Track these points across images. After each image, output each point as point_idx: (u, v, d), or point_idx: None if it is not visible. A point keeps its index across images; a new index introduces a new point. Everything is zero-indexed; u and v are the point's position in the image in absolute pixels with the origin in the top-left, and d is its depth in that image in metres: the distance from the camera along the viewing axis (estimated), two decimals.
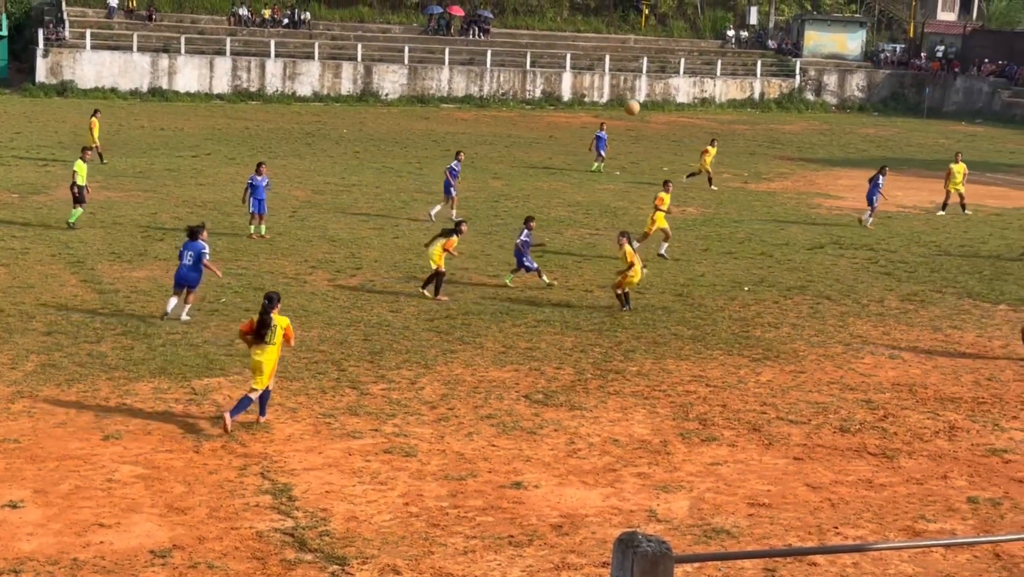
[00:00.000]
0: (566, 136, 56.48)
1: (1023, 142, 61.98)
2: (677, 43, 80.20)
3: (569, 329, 21.77)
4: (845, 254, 30.00)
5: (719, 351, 20.77)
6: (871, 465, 15.68)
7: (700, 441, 16.31)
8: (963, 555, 12.95)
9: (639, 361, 19.97)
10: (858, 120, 72.63)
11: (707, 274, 26.91)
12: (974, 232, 34.02)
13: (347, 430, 16.18)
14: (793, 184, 43.36)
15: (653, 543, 5.26)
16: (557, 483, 14.65)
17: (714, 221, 34.25)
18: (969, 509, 14.32)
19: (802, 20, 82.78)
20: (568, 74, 72.12)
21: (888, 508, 14.24)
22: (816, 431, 16.90)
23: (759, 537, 13.25)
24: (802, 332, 22.23)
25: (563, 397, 17.91)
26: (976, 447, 16.52)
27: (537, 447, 15.84)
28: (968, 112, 76.62)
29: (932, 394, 18.83)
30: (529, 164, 45.61)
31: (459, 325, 21.77)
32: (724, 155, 49.05)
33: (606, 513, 13.80)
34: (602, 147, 44.92)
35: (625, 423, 16.93)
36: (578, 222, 33.28)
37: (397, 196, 36.46)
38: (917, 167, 49.69)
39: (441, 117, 62.80)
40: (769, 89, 77.12)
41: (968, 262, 29.32)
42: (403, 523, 13.33)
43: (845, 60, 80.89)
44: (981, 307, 24.66)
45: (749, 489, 14.67)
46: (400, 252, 28.09)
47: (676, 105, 73.33)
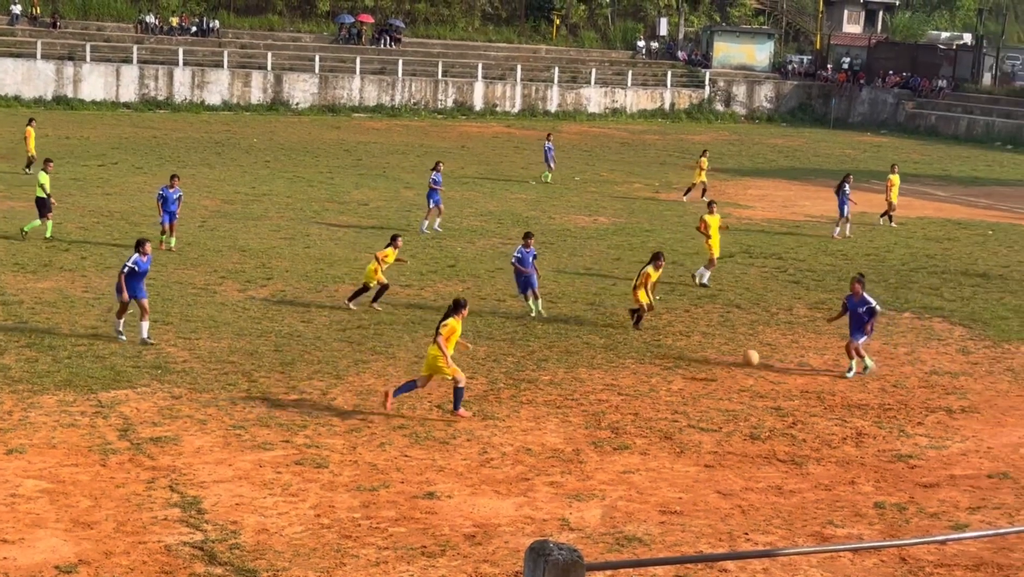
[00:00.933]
0: (478, 146, 56.52)
1: (927, 152, 63.15)
2: (588, 53, 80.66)
3: (482, 339, 21.75)
4: (755, 263, 30.32)
5: (631, 360, 20.88)
6: (781, 472, 15.84)
7: (612, 450, 16.37)
8: (870, 559, 13.12)
9: (551, 370, 20.01)
10: (766, 130, 73.53)
11: (619, 284, 27.04)
12: (880, 241, 34.57)
13: (258, 442, 16.01)
14: (704, 194, 43.67)
15: (564, 551, 5.25)
16: (470, 493, 14.62)
17: (626, 230, 34.45)
18: (876, 514, 14.52)
19: (711, 31, 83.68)
20: (480, 84, 72.20)
21: (797, 514, 14.39)
22: (727, 439, 17.04)
23: (671, 544, 13.32)
24: (713, 340, 22.42)
25: (476, 407, 17.87)
26: (882, 453, 16.76)
27: (450, 457, 15.80)
28: (873, 123, 77.92)
29: (840, 401, 19.07)
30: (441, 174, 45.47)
31: (371, 335, 21.66)
32: (635, 165, 49.48)
33: (519, 522, 13.79)
34: (549, 157, 45.04)
35: (538, 432, 16.94)
36: (490, 232, 33.29)
37: (308, 206, 36.22)
38: (824, 177, 50.36)
39: (352, 126, 62.53)
40: (679, 99, 77.84)
41: (874, 271, 29.76)
42: (314, 535, 13.22)
43: (754, 71, 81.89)
44: (887, 315, 25.03)
45: (661, 497, 14.75)
46: (311, 262, 27.89)
47: (587, 115, 73.74)
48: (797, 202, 42.33)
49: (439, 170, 33.92)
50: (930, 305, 26.02)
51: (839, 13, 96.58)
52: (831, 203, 41.59)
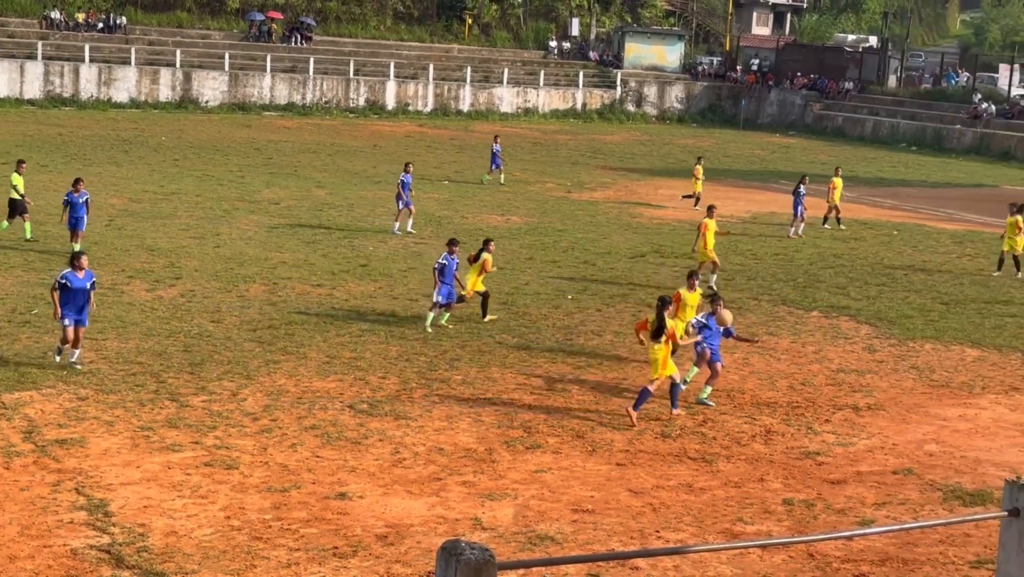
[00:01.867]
0: (390, 145, 56.35)
1: (834, 153, 64.02)
2: (500, 53, 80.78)
3: (394, 338, 21.68)
4: (666, 262, 30.55)
5: (543, 359, 20.92)
6: (691, 469, 15.97)
7: (525, 449, 16.40)
8: (779, 556, 13.27)
9: (464, 370, 19.99)
10: (677, 131, 74.16)
11: (531, 283, 27.10)
12: (788, 241, 35.00)
13: (166, 443, 15.81)
14: (615, 193, 44.00)
15: (476, 551, 5.24)
16: (382, 493, 14.55)
17: (538, 230, 34.53)
18: (784, 511, 14.69)
19: (622, 32, 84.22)
20: (392, 83, 71.98)
21: (707, 511, 14.52)
22: (638, 437, 17.14)
23: (583, 543, 13.37)
24: (624, 340, 22.54)
25: (388, 407, 17.81)
26: (791, 450, 16.96)
27: (362, 457, 15.72)
28: (782, 124, 78.94)
29: (749, 399, 19.27)
30: (353, 173, 45.36)
31: (282, 335, 21.49)
32: (547, 165, 49.65)
33: (431, 522, 13.76)
34: (497, 160, 44.82)
35: (450, 432, 16.92)
36: (403, 231, 33.15)
37: (218, 205, 35.85)
38: (734, 177, 50.97)
39: (263, 125, 62.02)
40: (591, 100, 78.24)
41: (783, 270, 30.14)
42: (224, 537, 13.08)
43: (664, 72, 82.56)
44: (795, 314, 25.36)
45: (573, 495, 14.80)
46: (221, 261, 27.60)
47: (500, 115, 73.84)
48: (708, 202, 42.60)
49: (408, 172, 33.61)
50: (837, 304, 26.39)
51: (748, 15, 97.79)
52: (740, 203, 42.12)
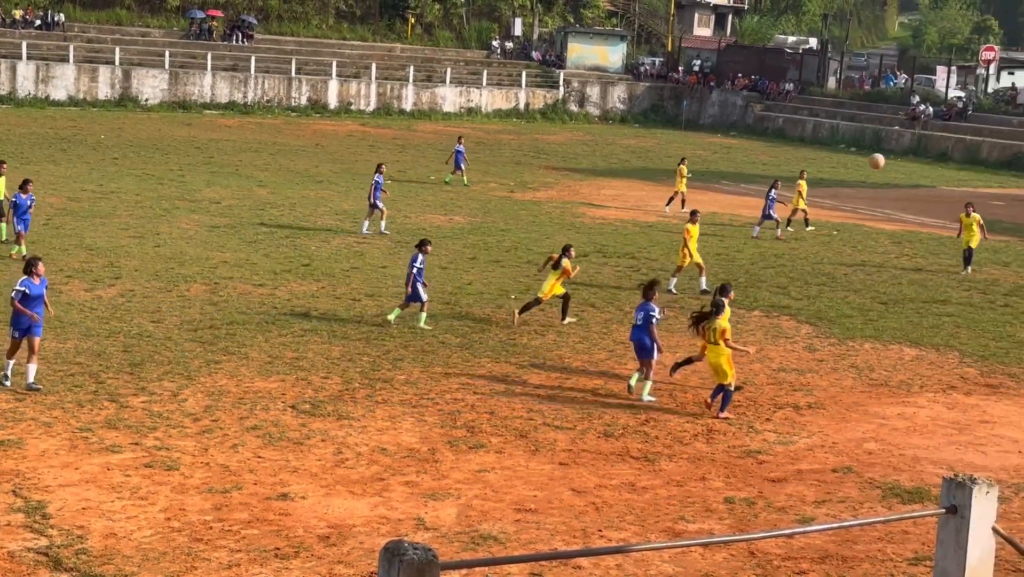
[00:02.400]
0: (333, 144, 56.14)
1: (775, 154, 64.55)
2: (443, 52, 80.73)
3: (336, 338, 21.60)
4: (609, 262, 30.64)
5: (487, 359, 20.93)
6: (634, 468, 16.03)
7: (468, 448, 16.39)
8: (720, 554, 13.35)
9: (407, 370, 19.95)
10: (620, 131, 74.43)
11: (474, 282, 27.09)
12: (730, 241, 35.21)
13: (106, 444, 15.65)
14: (558, 193, 44.09)
15: (419, 551, 5.23)
16: (324, 493, 14.49)
17: (481, 230, 34.53)
18: (726, 509, 14.78)
19: (565, 32, 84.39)
20: (334, 82, 71.71)
21: (650, 510, 14.58)
22: (581, 436, 17.18)
23: (526, 542, 13.38)
24: (567, 339, 22.59)
25: (330, 407, 17.74)
26: (732, 449, 17.07)
27: (304, 458, 15.65)
28: (723, 124, 79.43)
29: (691, 398, 19.38)
30: (295, 172, 45.14)
31: (223, 335, 21.35)
32: (490, 164, 49.66)
33: (374, 522, 13.72)
34: (460, 160, 44.69)
35: (393, 432, 16.88)
36: (346, 231, 33.07)
37: (158, 204, 35.55)
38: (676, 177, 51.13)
39: (204, 124, 61.58)
40: (534, 100, 78.35)
41: (724, 270, 30.31)
42: (165, 538, 12.97)
43: (607, 72, 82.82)
44: (737, 313, 25.47)
45: (516, 495, 14.81)
46: (162, 261, 27.38)
47: (443, 114, 73.79)
48: (650, 202, 42.90)
49: (381, 172, 33.64)
50: (778, 304, 26.60)
51: (690, 16, 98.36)
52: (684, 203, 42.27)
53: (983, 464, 16.75)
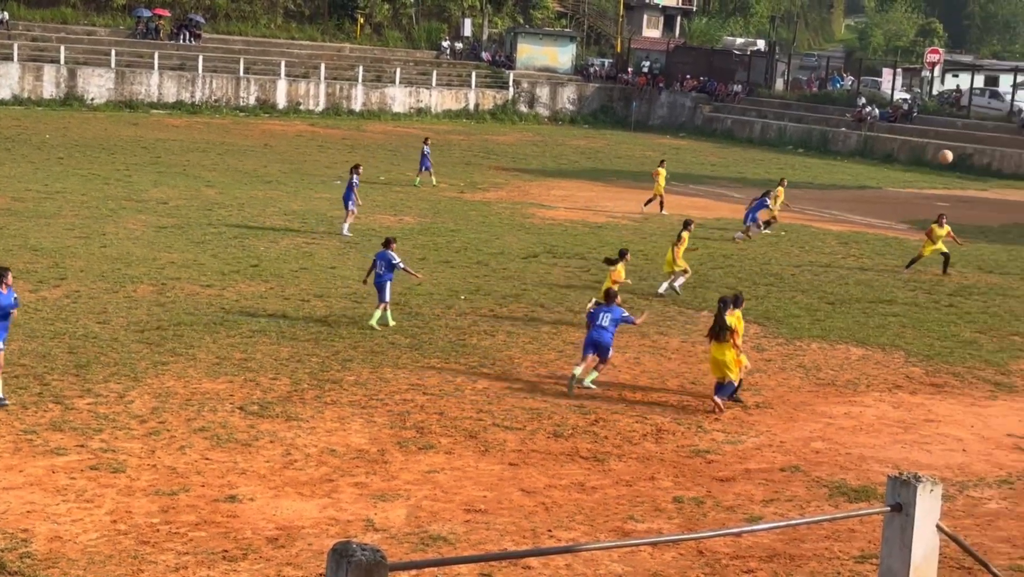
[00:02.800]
0: (281, 144, 55.89)
1: (723, 155, 64.90)
2: (393, 53, 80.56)
3: (285, 339, 21.49)
4: (558, 263, 30.69)
5: (436, 359, 20.90)
6: (583, 468, 16.06)
7: (417, 449, 16.36)
8: (669, 553, 13.40)
9: (356, 371, 19.89)
10: (569, 132, 74.57)
11: (424, 283, 27.04)
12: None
13: (51, 447, 15.49)
14: (508, 194, 44.12)
15: (368, 552, 5.21)
16: (273, 495, 14.42)
17: (431, 230, 34.49)
18: (675, 508, 14.84)
19: (515, 33, 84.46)
20: (283, 82, 71.39)
21: (599, 510, 14.61)
22: (531, 437, 17.19)
23: (475, 543, 13.37)
24: (517, 340, 22.60)
25: (279, 408, 17.65)
26: (681, 448, 17.14)
27: (252, 459, 15.56)
28: (672, 125, 79.78)
29: (640, 398, 19.44)
30: (243, 172, 44.90)
31: (171, 336, 21.19)
32: (440, 165, 49.55)
33: (323, 524, 13.66)
34: (426, 162, 44.67)
35: (342, 433, 16.82)
36: (294, 231, 32.94)
37: (104, 204, 35.25)
38: (626, 178, 51.38)
39: (151, 123, 61.12)
40: (483, 100, 78.35)
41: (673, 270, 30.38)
42: (111, 541, 12.85)
43: (556, 73, 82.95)
44: (686, 313, 25.64)
45: (466, 495, 14.80)
46: (108, 262, 27.14)
47: (392, 114, 73.64)
48: (599, 203, 43.02)
49: (359, 173, 33.87)
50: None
51: (639, 18, 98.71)
52: (631, 203, 42.47)
53: (928, 462, 16.92)
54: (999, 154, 64.02)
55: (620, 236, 35.54)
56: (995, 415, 19.63)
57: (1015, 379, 21.84)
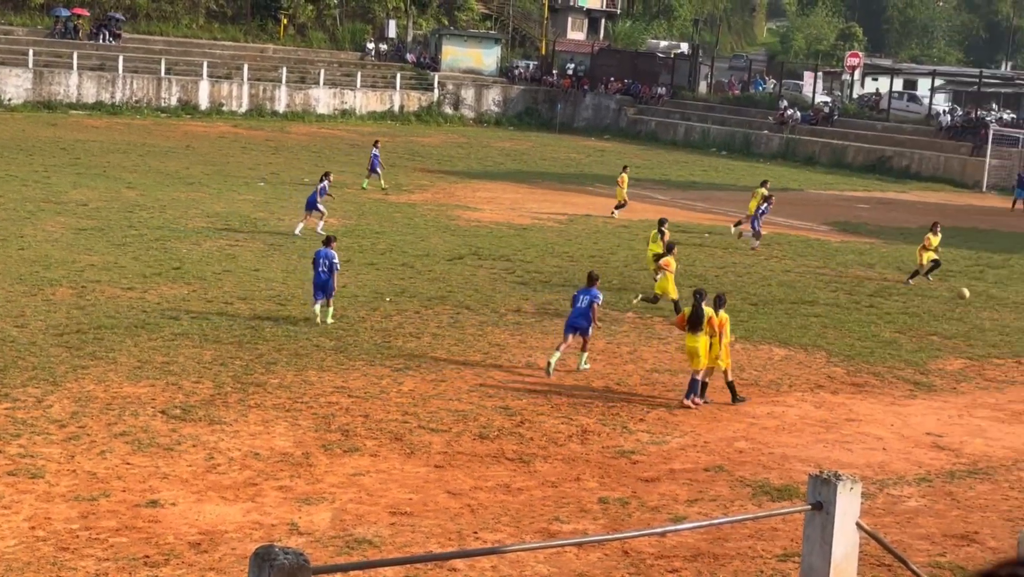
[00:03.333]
0: (204, 145, 55.37)
1: (648, 157, 65.25)
2: (317, 54, 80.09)
3: (208, 342, 21.29)
4: (484, 265, 30.69)
5: (361, 361, 20.81)
6: (509, 470, 16.06)
7: (342, 452, 16.28)
8: (595, 553, 13.44)
9: (281, 373, 19.75)
10: (494, 134, 74.60)
11: (349, 285, 26.91)
12: (604, 243, 35.50)
13: None
14: (433, 196, 44.04)
15: (290, 556, 5.17)
16: (195, 500, 14.27)
17: (356, 232, 34.34)
18: (600, 509, 14.89)
19: (439, 35, 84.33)
20: (205, 82, 70.69)
21: (525, 511, 14.62)
22: (456, 439, 17.17)
23: (401, 545, 13.33)
24: (443, 341, 22.57)
25: (202, 412, 17.48)
26: (606, 449, 17.20)
27: (174, 464, 15.39)
28: (597, 128, 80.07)
29: (566, 400, 19.48)
30: (165, 173, 44.41)
31: (91, 340, 20.90)
32: (362, 167, 49.33)
33: (247, 528, 13.55)
34: (376, 164, 44.45)
35: (266, 436, 16.69)
36: (217, 233, 32.65)
37: (22, 206, 34.70)
38: (551, 180, 51.51)
39: (70, 124, 60.26)
40: (409, 102, 78.13)
41: (598, 272, 30.49)
42: (29, 548, 12.64)
43: (481, 75, 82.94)
44: (611, 315, 25.72)
45: (391, 498, 14.75)
46: (26, 264, 26.72)
47: (317, 116, 73.18)
48: (524, 204, 43.07)
49: (329, 180, 34.71)
50: (651, 306, 26.86)
51: (563, 20, 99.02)
52: (557, 205, 42.60)
53: (849, 461, 17.13)
54: (917, 156, 64.99)
55: (546, 238, 35.63)
56: (914, 414, 19.93)
57: (934, 378, 22.18)
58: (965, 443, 18.50)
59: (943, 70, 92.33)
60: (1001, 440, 18.78)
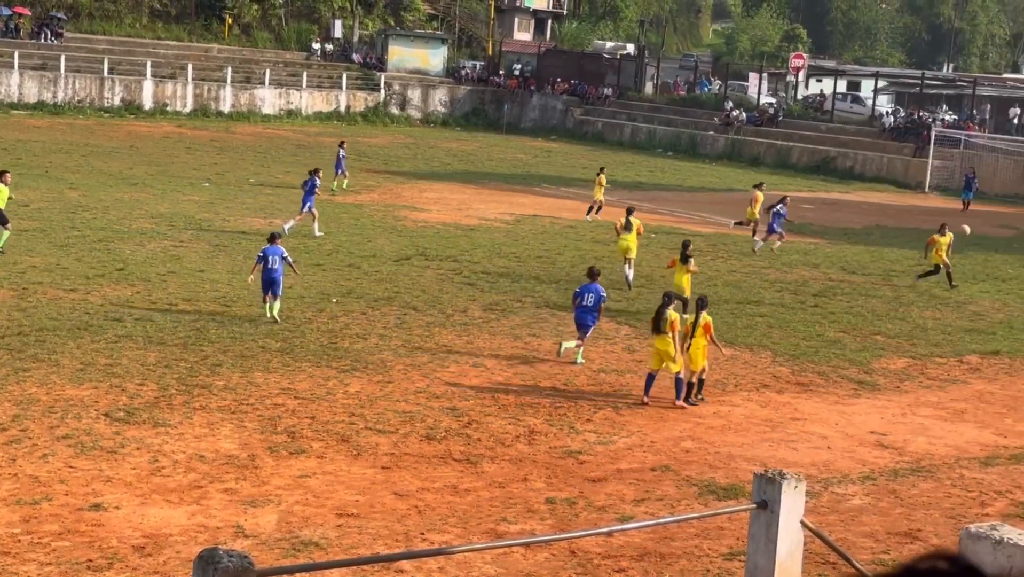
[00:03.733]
0: (148, 146, 54.91)
1: (595, 157, 65.28)
2: (262, 53, 79.67)
3: (153, 344, 21.11)
4: (431, 265, 30.63)
5: (307, 363, 20.71)
6: (456, 471, 16.04)
7: (289, 454, 16.19)
8: (542, 554, 13.45)
9: (226, 375, 19.62)
10: (441, 134, 74.50)
11: (295, 286, 26.78)
12: (550, 244, 35.55)
13: None
14: (380, 196, 43.91)
15: (235, 558, 5.13)
16: (140, 503, 14.15)
17: (301, 233, 34.15)
18: (547, 509, 14.90)
19: (386, 35, 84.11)
20: (149, 82, 70.11)
21: (472, 512, 14.61)
22: (403, 440, 17.13)
23: (347, 547, 13.27)
24: (389, 342, 22.51)
25: (146, 414, 17.33)
26: (554, 449, 17.22)
27: (118, 467, 15.25)
28: (544, 128, 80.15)
29: (513, 400, 19.49)
30: (108, 174, 44.00)
31: (32, 342, 20.66)
32: (310, 167, 49.09)
33: (191, 531, 13.44)
34: (341, 165, 44.15)
35: (212, 438, 16.58)
36: (161, 234, 32.38)
37: None
38: (497, 180, 51.51)
39: (11, 124, 59.56)
40: (355, 102, 77.87)
41: (545, 272, 30.59)
42: None
43: (428, 75, 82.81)
44: (558, 315, 25.75)
45: (338, 500, 14.69)
46: None
47: (262, 116, 72.77)
48: (472, 205, 43.04)
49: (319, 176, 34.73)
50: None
51: (510, 21, 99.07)
52: (503, 206, 42.60)
53: (794, 460, 17.24)
54: (861, 157, 65.57)
55: (493, 238, 35.62)
56: (858, 413, 20.10)
57: (877, 377, 22.39)
58: (908, 441, 18.68)
59: (886, 72, 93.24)
60: (943, 438, 18.99)
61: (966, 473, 17.30)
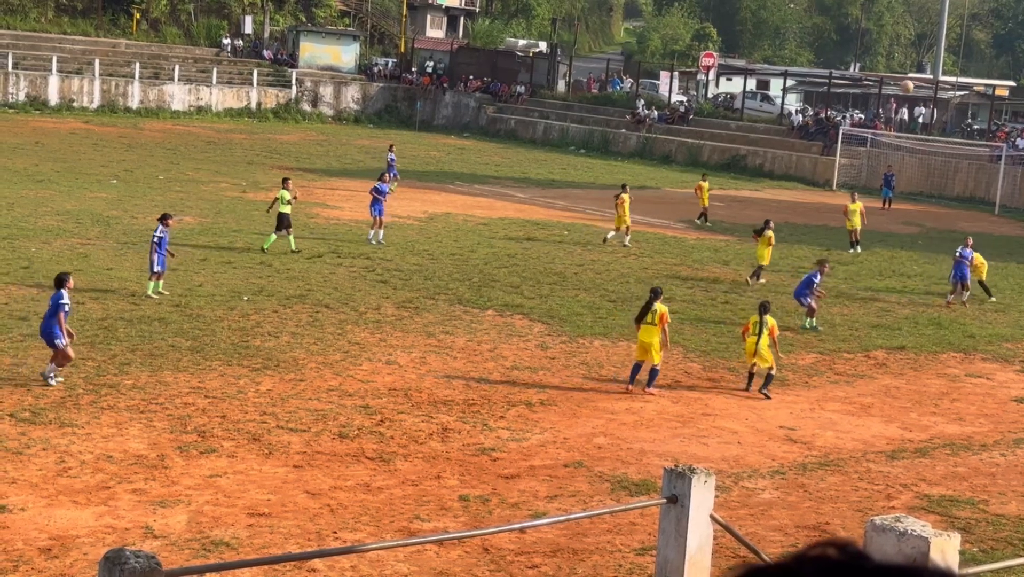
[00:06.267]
0: (54, 142, 54.03)
1: (507, 155, 65.50)
2: (171, 49, 78.71)
3: None
4: (343, 263, 30.48)
5: (218, 362, 20.51)
6: (369, 469, 15.99)
7: (199, 454, 16.03)
8: (455, 551, 13.45)
9: (135, 374, 19.36)
10: (354, 131, 74.14)
11: (205, 284, 26.52)
12: (464, 241, 35.53)
13: None
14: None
15: (141, 559, 5.07)
16: (46, 504, 13.92)
17: (212, 231, 33.84)
18: (460, 507, 14.90)
19: (297, 31, 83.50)
20: (55, 77, 68.98)
21: (385, 510, 14.57)
22: (316, 438, 17.03)
23: (259, 546, 13.17)
24: (302, 340, 22.36)
25: (52, 414, 17.05)
26: (467, 447, 17.22)
27: (24, 468, 14.99)
28: (457, 126, 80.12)
29: (426, 398, 19.46)
30: (13, 171, 43.21)
31: None
32: (221, 164, 48.76)
33: (99, 532, 13.26)
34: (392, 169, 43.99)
35: (120, 439, 16.35)
36: (68, 232, 31.87)
37: None
38: (411, 178, 51.32)
39: None
40: (266, 99, 77.24)
41: (458, 270, 30.57)
42: None
43: (340, 72, 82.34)
44: (471, 312, 25.77)
45: (249, 500, 14.57)
46: None
47: (171, 113, 71.94)
48: (390, 203, 42.79)
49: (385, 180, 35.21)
50: (511, 303, 26.98)
51: (422, 18, 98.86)
52: (417, 203, 42.50)
53: (705, 455, 17.41)
54: (771, 155, 66.33)
55: (405, 236, 35.52)
56: (768, 408, 20.35)
57: (786, 373, 22.66)
58: (817, 436, 18.95)
59: (795, 71, 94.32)
60: (851, 432, 19.28)
61: (872, 467, 17.58)
